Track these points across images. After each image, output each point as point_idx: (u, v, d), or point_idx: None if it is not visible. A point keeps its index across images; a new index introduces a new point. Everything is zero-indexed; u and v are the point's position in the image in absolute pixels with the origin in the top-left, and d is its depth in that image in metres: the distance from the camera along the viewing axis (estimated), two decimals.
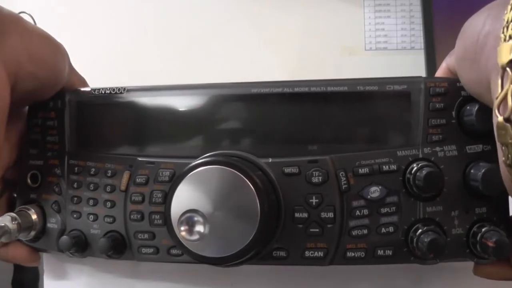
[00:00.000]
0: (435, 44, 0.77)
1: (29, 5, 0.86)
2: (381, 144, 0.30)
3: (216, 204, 0.27)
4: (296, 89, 0.30)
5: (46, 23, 0.89)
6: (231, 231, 0.27)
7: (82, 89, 0.34)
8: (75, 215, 0.33)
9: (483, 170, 0.27)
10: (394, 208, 0.29)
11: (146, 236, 0.31)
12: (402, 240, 0.29)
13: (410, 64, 0.87)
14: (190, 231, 0.27)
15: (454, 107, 0.29)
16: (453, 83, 0.30)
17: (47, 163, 0.34)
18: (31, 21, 0.90)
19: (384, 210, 0.29)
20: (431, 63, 0.77)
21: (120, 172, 0.32)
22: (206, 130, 0.32)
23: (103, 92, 0.33)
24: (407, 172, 0.29)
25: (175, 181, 0.28)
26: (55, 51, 0.33)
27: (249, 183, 0.27)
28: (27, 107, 0.35)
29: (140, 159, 0.31)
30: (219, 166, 0.27)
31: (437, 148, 0.29)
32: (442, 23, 0.77)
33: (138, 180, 0.31)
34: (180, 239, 0.27)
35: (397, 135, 0.30)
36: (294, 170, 0.29)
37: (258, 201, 0.26)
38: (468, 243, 0.29)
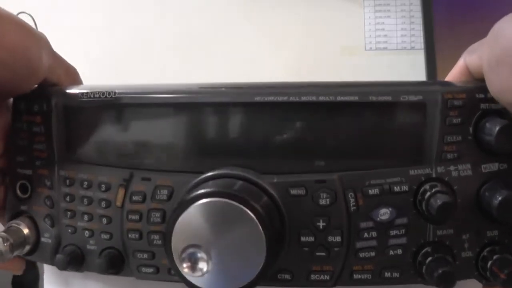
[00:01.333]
0: (435, 44, 0.77)
1: (29, 5, 0.86)
2: (392, 161, 0.28)
3: (219, 239, 0.25)
4: (303, 98, 0.28)
5: (46, 23, 0.90)
6: (236, 266, 0.25)
7: (69, 91, 0.31)
8: (69, 230, 0.31)
9: (499, 198, 0.25)
10: (403, 230, 0.27)
11: (145, 255, 0.29)
12: (410, 262, 0.28)
13: (410, 64, 0.87)
14: (193, 267, 0.25)
15: (472, 122, 0.27)
16: (472, 93, 0.27)
17: (36, 173, 0.31)
18: (31, 21, 0.90)
19: (393, 232, 0.27)
20: (431, 63, 0.77)
21: (115, 186, 0.29)
22: (205, 141, 0.30)
23: (91, 96, 0.30)
24: (419, 193, 0.27)
25: (173, 213, 0.26)
26: (28, 38, 0.30)
27: (255, 218, 0.25)
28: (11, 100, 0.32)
29: (135, 174, 0.29)
30: (222, 199, 0.25)
31: (451, 167, 0.27)
32: (442, 23, 0.77)
33: (134, 198, 0.29)
34: (183, 273, 0.25)
35: (410, 152, 0.28)
36: (301, 191, 0.28)
37: (264, 237, 0.25)
38: (477, 266, 0.27)
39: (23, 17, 0.83)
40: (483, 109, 0.27)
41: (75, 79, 0.35)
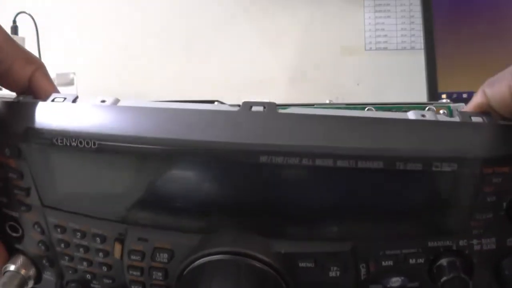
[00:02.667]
0: (435, 44, 0.77)
1: (29, 5, 0.86)
2: (411, 231, 0.25)
3: None
4: (318, 162, 0.24)
5: (46, 23, 0.90)
6: None
7: (43, 128, 0.27)
8: (70, 271, 0.29)
9: None
10: None
11: None
12: None
13: (410, 64, 0.87)
14: None
15: (508, 199, 0.24)
16: None
17: (23, 217, 0.28)
18: (31, 22, 0.89)
19: None
20: (431, 63, 0.77)
21: (110, 239, 0.27)
22: (205, 199, 0.26)
23: (66, 144, 0.26)
24: (435, 265, 0.25)
25: None
26: None
27: None
28: None
29: (130, 231, 0.27)
30: None
31: (475, 241, 0.25)
32: (442, 23, 0.77)
33: (132, 257, 0.27)
34: None
35: (432, 223, 0.25)
36: (310, 264, 0.25)
37: None
38: None
39: (23, 17, 0.83)
40: None
41: (40, 69, 0.31)
